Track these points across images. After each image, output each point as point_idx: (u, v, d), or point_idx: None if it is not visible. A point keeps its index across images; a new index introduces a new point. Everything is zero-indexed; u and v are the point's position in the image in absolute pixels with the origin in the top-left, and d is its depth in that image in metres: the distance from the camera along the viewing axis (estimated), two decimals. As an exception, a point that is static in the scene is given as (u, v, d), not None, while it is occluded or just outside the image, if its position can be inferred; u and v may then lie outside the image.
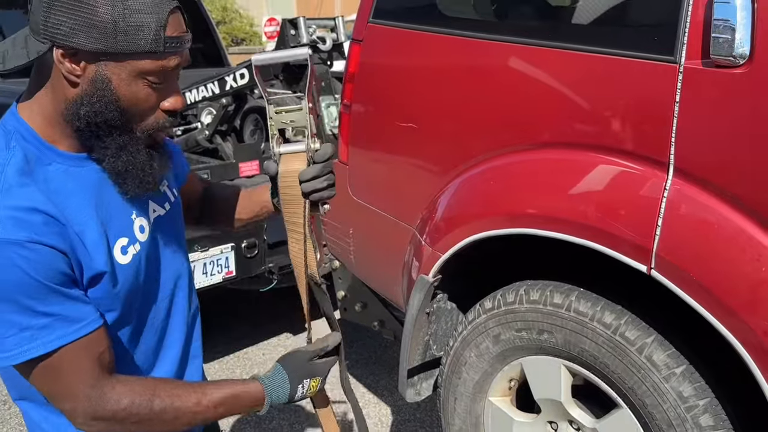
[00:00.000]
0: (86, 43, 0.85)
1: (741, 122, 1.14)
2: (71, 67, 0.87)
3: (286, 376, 1.09)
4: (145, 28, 0.86)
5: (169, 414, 0.97)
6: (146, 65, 0.88)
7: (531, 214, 1.47)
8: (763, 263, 1.11)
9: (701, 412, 1.24)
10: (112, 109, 0.89)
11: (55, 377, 0.91)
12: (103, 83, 0.88)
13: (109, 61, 0.87)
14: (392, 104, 1.91)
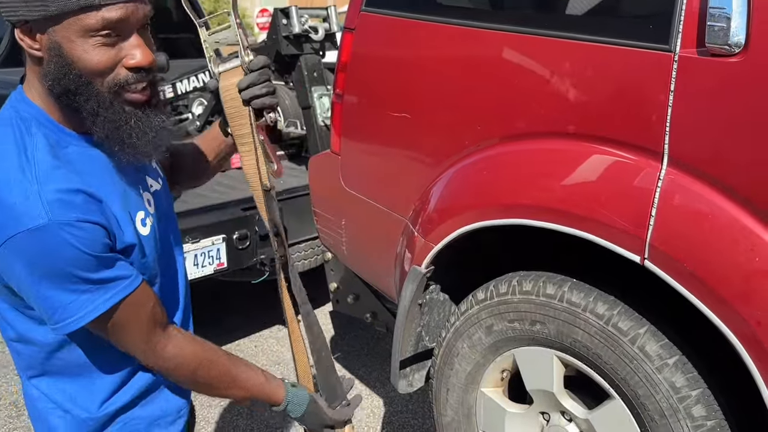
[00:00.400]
0: (27, 13, 0.86)
1: (736, 112, 1.13)
2: (30, 42, 0.89)
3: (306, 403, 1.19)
4: None
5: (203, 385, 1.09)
6: (87, 21, 0.87)
7: (524, 205, 1.47)
8: (757, 254, 1.10)
9: (694, 403, 1.24)
10: (68, 73, 0.89)
11: (119, 332, 0.99)
12: (56, 50, 0.89)
13: (55, 26, 0.87)
14: (385, 94, 1.90)
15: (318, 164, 2.36)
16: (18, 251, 0.89)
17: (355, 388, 3.23)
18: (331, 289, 2.69)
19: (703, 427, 1.24)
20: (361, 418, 2.95)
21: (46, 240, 0.88)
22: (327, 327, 3.88)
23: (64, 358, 1.04)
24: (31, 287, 0.92)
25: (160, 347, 1.03)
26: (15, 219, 0.88)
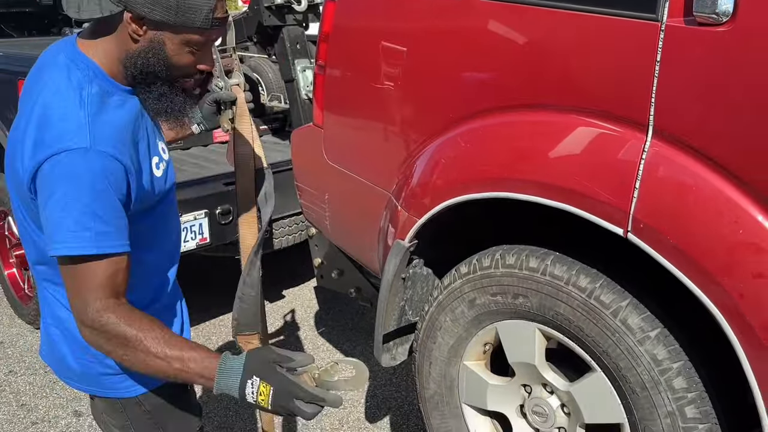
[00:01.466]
0: (153, 15, 1.09)
1: (723, 82, 1.12)
2: (136, 28, 1.11)
3: (242, 365, 1.11)
4: (199, 10, 1.11)
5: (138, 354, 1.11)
6: (194, 37, 1.14)
7: (507, 178, 1.45)
8: (741, 226, 1.10)
9: (675, 375, 1.25)
10: (161, 65, 1.15)
11: (79, 277, 1.10)
12: (159, 45, 1.13)
13: (167, 31, 1.12)
14: (368, 65, 1.86)
15: (301, 138, 2.33)
16: (59, 165, 1.06)
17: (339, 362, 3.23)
18: (315, 265, 2.67)
19: (683, 399, 1.24)
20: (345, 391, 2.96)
21: (83, 163, 1.06)
22: (312, 302, 3.88)
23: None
24: (53, 202, 1.06)
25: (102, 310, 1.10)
26: (63, 140, 1.06)
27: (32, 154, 1.08)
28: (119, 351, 1.12)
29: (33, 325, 3.48)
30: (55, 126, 1.08)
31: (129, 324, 1.10)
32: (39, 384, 2.99)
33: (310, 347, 3.40)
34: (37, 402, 2.86)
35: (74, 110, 1.10)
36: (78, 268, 1.09)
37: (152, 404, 1.34)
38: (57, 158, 1.06)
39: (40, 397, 2.89)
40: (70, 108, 1.10)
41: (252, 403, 1.12)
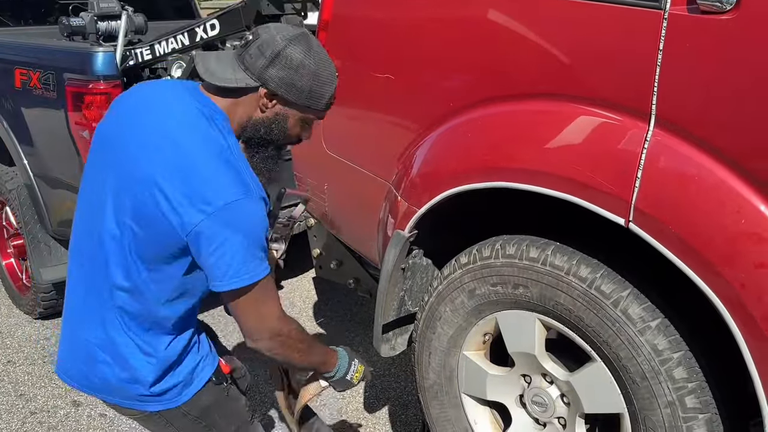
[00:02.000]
0: (285, 95, 1.30)
1: (726, 71, 1.11)
2: (267, 102, 1.31)
3: (347, 353, 1.60)
4: (325, 96, 1.34)
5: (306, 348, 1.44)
6: (312, 117, 1.38)
7: (508, 168, 1.44)
8: (743, 216, 1.09)
9: (675, 365, 1.25)
10: (280, 135, 1.35)
11: (260, 299, 1.28)
12: (283, 119, 1.34)
13: (292, 108, 1.33)
14: (368, 54, 1.85)
15: (299, 127, 2.31)
16: (234, 212, 1.19)
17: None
18: (314, 255, 2.67)
19: (684, 389, 1.24)
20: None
21: (251, 208, 1.22)
22: (310, 293, 3.88)
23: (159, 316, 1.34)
24: (231, 245, 1.19)
25: (286, 321, 1.36)
26: (228, 193, 1.19)
27: (191, 208, 1.18)
28: (295, 353, 1.40)
29: (31, 315, 3.47)
30: (212, 179, 1.20)
31: (300, 329, 1.40)
32: (37, 374, 2.99)
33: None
34: (36, 392, 2.86)
35: (227, 161, 1.23)
36: (257, 292, 1.26)
37: (198, 409, 1.46)
38: (226, 211, 1.18)
39: (38, 387, 2.89)
40: (223, 158, 1.23)
41: (347, 379, 1.58)
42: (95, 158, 1.36)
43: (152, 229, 1.23)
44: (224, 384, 1.50)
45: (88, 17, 4.01)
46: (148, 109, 1.30)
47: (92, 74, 2.59)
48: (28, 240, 3.19)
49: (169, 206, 1.19)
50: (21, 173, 3.14)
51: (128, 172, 1.25)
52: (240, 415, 1.54)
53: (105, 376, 1.37)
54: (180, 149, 1.21)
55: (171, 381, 1.39)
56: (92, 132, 2.62)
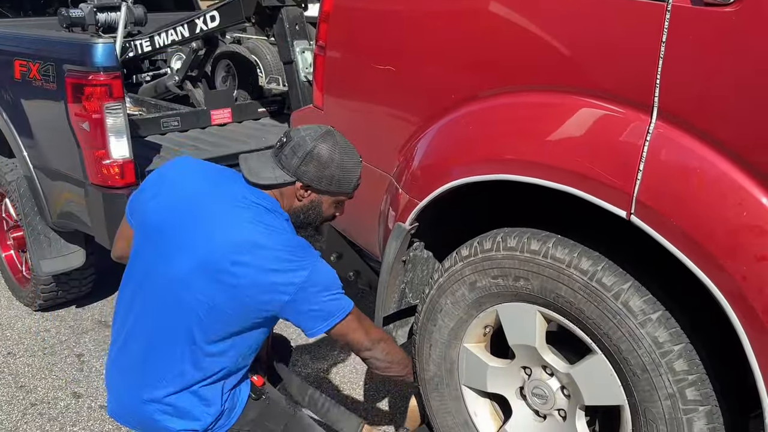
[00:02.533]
0: (317, 186, 1.52)
1: (729, 64, 1.10)
2: (302, 192, 1.53)
3: None
4: (352, 181, 1.55)
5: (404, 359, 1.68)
6: (342, 199, 1.59)
7: (510, 160, 1.44)
8: (745, 208, 1.09)
9: (676, 357, 1.25)
10: (317, 217, 1.59)
11: (357, 330, 1.53)
12: (318, 205, 1.57)
13: (324, 194, 1.55)
14: (369, 46, 1.84)
15: (301, 119, 2.31)
16: (315, 273, 1.42)
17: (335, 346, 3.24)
18: (314, 248, 2.67)
19: (684, 381, 1.25)
20: (344, 374, 2.97)
21: (323, 266, 1.45)
22: (310, 286, 3.88)
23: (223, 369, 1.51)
24: (318, 299, 1.43)
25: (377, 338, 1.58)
26: (307, 256, 1.43)
27: (283, 289, 1.39)
28: (398, 368, 1.65)
29: (31, 307, 3.48)
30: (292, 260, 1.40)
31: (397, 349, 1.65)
32: (37, 366, 3.00)
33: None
34: (36, 383, 2.87)
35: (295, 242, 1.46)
36: (355, 321, 1.50)
37: (247, 423, 1.63)
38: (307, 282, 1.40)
39: (38, 379, 2.90)
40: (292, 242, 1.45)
41: None
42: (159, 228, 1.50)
43: (253, 317, 1.44)
44: (263, 396, 1.67)
45: (88, 8, 4.00)
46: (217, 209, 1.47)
47: (92, 65, 2.58)
48: (28, 232, 3.18)
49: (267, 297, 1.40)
50: (21, 165, 3.14)
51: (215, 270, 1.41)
52: (285, 413, 1.70)
53: (161, 426, 1.53)
54: (266, 249, 1.41)
55: (216, 413, 1.55)
56: (92, 123, 2.62)
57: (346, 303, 1.49)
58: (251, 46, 4.47)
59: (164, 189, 1.54)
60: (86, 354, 3.11)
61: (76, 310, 3.52)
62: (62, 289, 3.36)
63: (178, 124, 3.66)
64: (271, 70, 4.36)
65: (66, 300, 3.47)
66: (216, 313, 1.42)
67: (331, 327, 1.47)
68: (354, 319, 1.51)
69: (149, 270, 1.50)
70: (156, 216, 1.51)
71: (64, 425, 2.59)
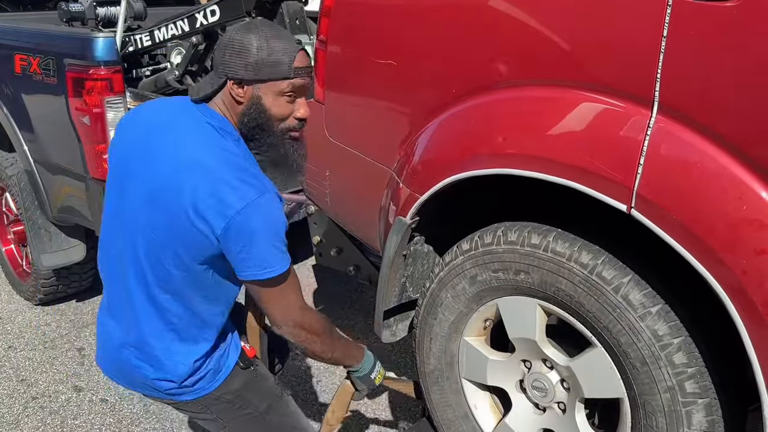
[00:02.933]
0: (246, 75, 1.36)
1: (730, 58, 1.11)
2: (238, 91, 1.38)
3: (372, 354, 1.73)
4: (283, 62, 1.36)
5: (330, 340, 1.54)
6: (281, 86, 1.38)
7: (511, 154, 1.44)
8: (745, 202, 1.10)
9: (675, 350, 1.26)
10: (264, 117, 1.39)
11: (285, 289, 1.40)
12: (258, 101, 1.39)
13: (259, 84, 1.37)
14: (371, 40, 1.85)
15: (301, 114, 2.31)
16: (260, 208, 1.29)
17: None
18: (314, 243, 2.67)
19: (683, 374, 1.25)
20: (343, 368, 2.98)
21: (272, 204, 1.32)
22: (310, 280, 3.89)
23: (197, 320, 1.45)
24: (258, 240, 1.30)
25: (308, 308, 1.47)
26: (249, 193, 1.29)
27: (219, 212, 1.28)
28: (317, 343, 1.50)
29: (31, 302, 3.48)
30: (234, 187, 1.29)
31: (323, 321, 1.50)
32: (38, 359, 3.01)
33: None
34: (37, 377, 2.87)
35: (243, 163, 1.35)
36: (279, 284, 1.37)
37: (230, 393, 1.55)
38: (250, 209, 1.28)
39: (39, 372, 2.91)
40: (240, 162, 1.35)
41: (371, 377, 1.71)
42: (119, 175, 1.45)
43: (188, 242, 1.34)
44: (252, 367, 1.60)
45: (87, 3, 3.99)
46: (166, 134, 1.40)
47: (93, 60, 2.58)
48: (28, 226, 3.19)
49: (201, 219, 1.30)
50: (21, 159, 3.14)
51: (159, 193, 1.34)
52: (271, 392, 1.63)
53: (138, 374, 1.48)
54: (206, 169, 1.32)
55: (201, 373, 1.49)
56: (92, 117, 2.62)
57: (287, 259, 1.37)
58: (251, 40, 4.46)
59: (119, 137, 1.49)
60: (87, 348, 3.11)
61: (77, 304, 3.53)
62: (63, 283, 3.37)
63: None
64: (271, 64, 4.35)
65: (66, 294, 3.47)
66: (161, 247, 1.36)
67: (266, 279, 1.35)
68: (292, 281, 1.41)
69: (116, 212, 1.46)
70: (115, 161, 1.47)
71: (65, 419, 2.60)
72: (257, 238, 1.31)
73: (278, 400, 1.64)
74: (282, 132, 1.43)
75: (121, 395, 2.73)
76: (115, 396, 2.75)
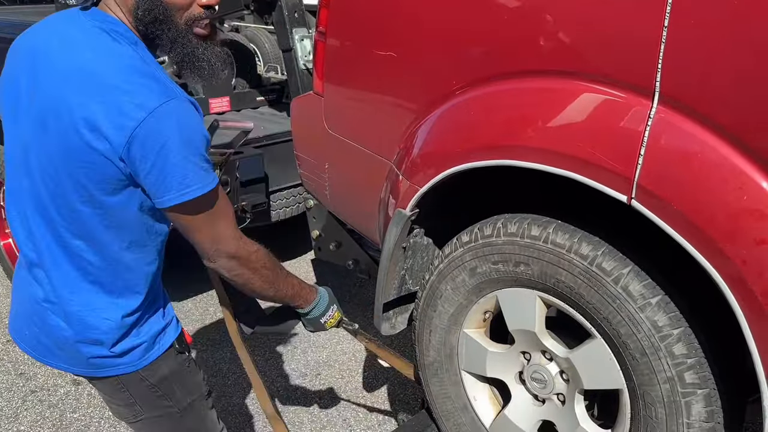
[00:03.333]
0: None
1: (732, 48, 1.11)
2: None
3: (328, 295, 1.63)
4: None
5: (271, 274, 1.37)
6: None
7: (511, 146, 1.44)
8: (745, 192, 1.10)
9: (675, 341, 1.26)
10: (158, 6, 1.17)
11: (212, 218, 1.22)
12: None
13: None
14: (370, 31, 1.84)
15: (300, 106, 2.31)
16: (161, 120, 1.09)
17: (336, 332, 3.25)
18: (313, 237, 2.67)
19: (683, 365, 1.26)
20: (343, 361, 2.98)
21: (181, 109, 1.12)
22: (309, 274, 3.89)
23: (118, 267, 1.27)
24: (168, 154, 1.10)
25: (243, 238, 1.29)
26: (154, 95, 1.09)
27: (118, 130, 1.09)
28: (258, 279, 1.34)
29: (30, 296, 3.48)
30: (132, 92, 1.10)
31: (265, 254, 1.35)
32: (37, 353, 3.01)
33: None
34: (36, 371, 2.87)
35: (141, 71, 1.14)
36: (207, 206, 1.19)
37: (156, 377, 1.38)
38: (154, 117, 1.09)
39: (38, 366, 2.91)
40: (136, 70, 1.14)
41: (321, 321, 1.60)
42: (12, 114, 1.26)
43: (88, 167, 1.15)
44: (186, 354, 1.45)
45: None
46: (50, 46, 1.20)
47: (91, 52, 2.57)
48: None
49: (95, 135, 1.11)
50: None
51: (47, 115, 1.16)
52: (198, 388, 1.48)
53: (57, 336, 1.30)
54: (93, 76, 1.13)
55: (133, 341, 1.33)
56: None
57: (211, 178, 1.18)
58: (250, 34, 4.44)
59: (5, 72, 1.30)
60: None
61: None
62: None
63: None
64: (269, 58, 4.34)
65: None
66: (62, 181, 1.18)
67: (186, 201, 1.15)
68: (223, 206, 1.23)
69: (14, 155, 1.27)
70: (5, 101, 1.28)
71: (63, 412, 2.60)
72: (168, 151, 1.10)
73: (202, 399, 1.49)
74: (187, 24, 1.22)
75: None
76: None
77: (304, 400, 2.73)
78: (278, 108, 4.00)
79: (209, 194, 1.17)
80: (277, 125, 3.66)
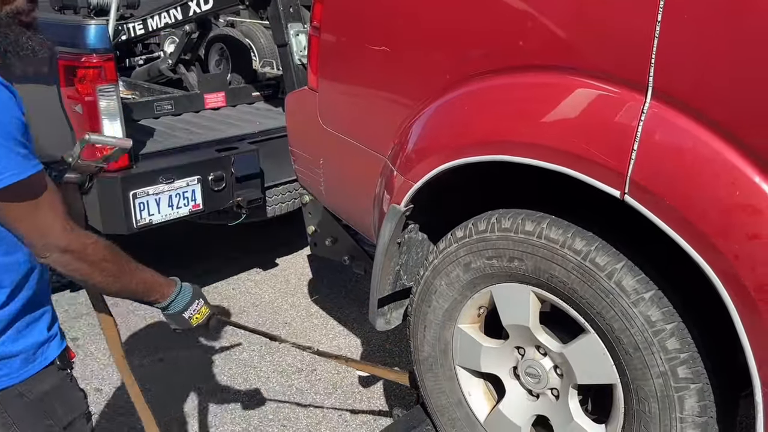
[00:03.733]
0: None
1: (725, 43, 1.10)
2: None
3: (191, 290, 1.45)
4: None
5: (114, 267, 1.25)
6: None
7: (505, 141, 1.44)
8: (738, 187, 1.10)
9: (668, 336, 1.26)
10: None
11: (36, 208, 1.12)
12: None
13: None
14: (364, 26, 1.83)
15: (295, 102, 2.31)
16: None
17: (332, 328, 3.26)
18: (308, 233, 2.67)
19: (676, 360, 1.26)
20: (338, 358, 2.99)
21: None
22: (305, 270, 3.89)
23: None
24: None
25: (75, 230, 1.18)
26: None
27: None
28: (98, 273, 1.23)
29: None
30: None
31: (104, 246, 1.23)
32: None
33: (303, 314, 3.41)
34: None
35: None
36: (31, 196, 1.11)
37: (36, 392, 1.28)
38: None
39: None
40: None
41: (185, 317, 1.45)
42: None
43: None
44: (68, 370, 1.38)
45: (80, -10, 3.94)
46: None
47: (85, 47, 2.56)
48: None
49: None
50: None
51: None
52: (78, 406, 1.39)
53: None
54: None
55: (10, 348, 1.23)
56: (85, 106, 2.60)
57: (32, 164, 1.10)
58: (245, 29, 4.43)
59: None
60: (81, 338, 3.11)
61: (71, 294, 3.52)
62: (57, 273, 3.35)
63: (172, 108, 3.64)
64: (265, 53, 4.33)
65: (61, 284, 3.46)
66: None
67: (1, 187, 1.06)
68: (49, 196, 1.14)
69: None
70: None
71: None
72: None
73: (83, 417, 1.40)
74: (8, 16, 1.16)
75: (115, 385, 2.73)
76: (109, 385, 2.75)
77: (300, 395, 2.74)
78: (274, 103, 4.00)
79: (28, 181, 1.09)
80: (272, 121, 3.65)
